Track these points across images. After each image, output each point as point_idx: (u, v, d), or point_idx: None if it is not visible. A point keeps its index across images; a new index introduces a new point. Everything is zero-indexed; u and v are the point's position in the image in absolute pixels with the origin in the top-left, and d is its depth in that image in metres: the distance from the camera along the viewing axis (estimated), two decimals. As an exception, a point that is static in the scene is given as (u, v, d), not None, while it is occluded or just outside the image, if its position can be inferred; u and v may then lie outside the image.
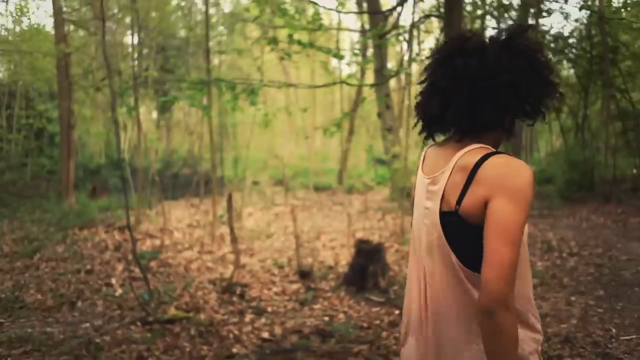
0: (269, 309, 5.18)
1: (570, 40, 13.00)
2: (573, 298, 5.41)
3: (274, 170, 18.29)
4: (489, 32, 14.64)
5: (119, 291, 5.70)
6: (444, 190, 1.35)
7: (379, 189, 15.84)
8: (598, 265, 6.67)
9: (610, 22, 11.39)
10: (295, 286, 5.96)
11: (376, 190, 15.25)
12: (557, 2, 9.39)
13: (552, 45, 12.75)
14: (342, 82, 4.56)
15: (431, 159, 1.48)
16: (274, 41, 4.17)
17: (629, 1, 13.83)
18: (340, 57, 4.45)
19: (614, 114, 12.87)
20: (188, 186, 13.91)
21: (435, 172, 1.41)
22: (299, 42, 4.30)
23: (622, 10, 13.19)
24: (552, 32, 13.11)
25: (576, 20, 13.22)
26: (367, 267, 5.57)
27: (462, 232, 1.32)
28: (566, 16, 12.95)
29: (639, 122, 12.86)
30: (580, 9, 9.56)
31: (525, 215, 1.24)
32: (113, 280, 6.15)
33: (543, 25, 13.31)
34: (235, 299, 5.46)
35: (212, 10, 15.09)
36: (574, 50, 13.31)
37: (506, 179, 1.25)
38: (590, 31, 12.62)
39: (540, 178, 15.04)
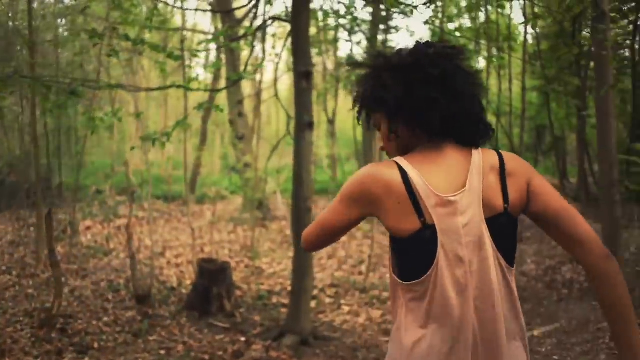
0: (96, 345, 4.44)
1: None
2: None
3: (121, 178, 16.88)
4: (343, 44, 14.81)
5: None
6: (482, 198, 1.31)
7: (233, 199, 15.31)
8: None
9: (447, 40, 12.06)
10: (130, 314, 5.25)
11: (229, 200, 14.69)
12: (406, 16, 9.65)
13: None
14: (178, 86, 4.04)
15: (439, 177, 1.33)
16: (96, 36, 3.51)
17: (463, 27, 14.91)
18: (175, 58, 3.93)
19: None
20: (16, 196, 12.22)
21: (458, 187, 1.32)
22: (127, 38, 3.69)
23: (456, 33, 14.16)
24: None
25: (421, 39, 13.87)
26: (211, 289, 5.06)
27: (508, 230, 1.34)
28: (412, 34, 13.54)
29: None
30: (425, 23, 9.91)
31: None
32: None
33: (391, 41, 13.81)
34: (54, 335, 4.62)
35: (51, 0, 13.53)
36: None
37: (527, 163, 1.40)
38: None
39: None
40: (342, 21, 13.75)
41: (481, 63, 18.24)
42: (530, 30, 14.16)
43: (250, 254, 7.85)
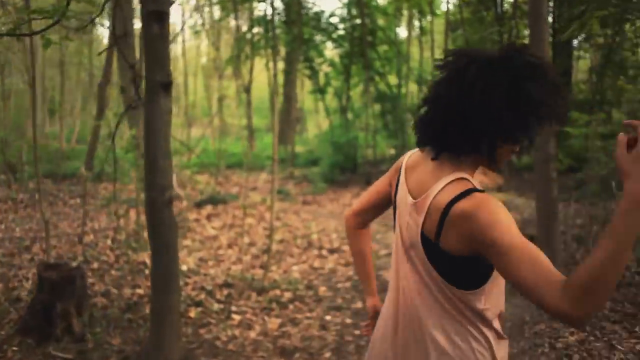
0: None
1: (333, 20, 12.49)
2: (329, 317, 4.37)
3: (12, 153, 14.75)
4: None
5: None
6: (424, 218, 1.34)
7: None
8: (357, 264, 5.87)
9: (368, 4, 11.02)
10: (-55, 341, 3.88)
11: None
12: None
13: (314, 23, 12.07)
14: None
15: (417, 175, 1.43)
16: None
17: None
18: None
19: (373, 96, 12.79)
20: None
21: (421, 193, 1.38)
22: None
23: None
24: (315, 10, 12.41)
25: (345, 5, 12.73)
26: (54, 306, 3.79)
27: (443, 256, 1.33)
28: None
29: (395, 105, 12.98)
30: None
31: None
32: None
33: (307, 1, 12.57)
34: None
35: None
36: (337, 31, 12.85)
37: (481, 227, 1.21)
38: (351, 12, 12.24)
39: (308, 160, 14.54)
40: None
41: (403, 32, 17.41)
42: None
43: (137, 243, 6.54)
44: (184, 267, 5.63)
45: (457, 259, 1.28)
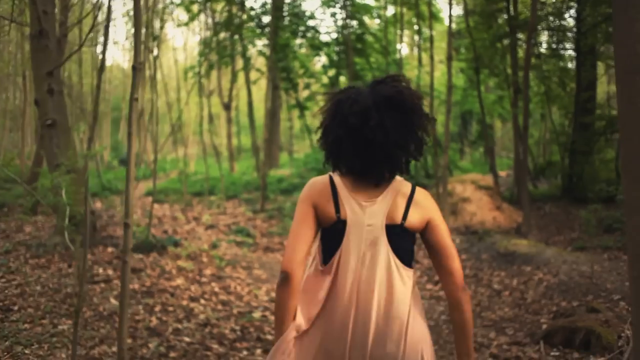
0: None
1: (314, 22, 10.23)
2: None
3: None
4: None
5: None
6: (388, 210, 1.67)
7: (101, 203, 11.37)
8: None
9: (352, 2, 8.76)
10: None
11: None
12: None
13: (302, 31, 9.84)
14: None
15: (360, 190, 1.69)
16: None
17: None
18: None
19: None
20: None
21: (373, 198, 1.68)
22: None
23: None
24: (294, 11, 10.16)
25: (323, 4, 10.49)
26: None
27: (403, 237, 1.69)
28: None
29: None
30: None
31: None
32: None
33: (295, 7, 10.32)
34: None
35: None
36: (319, 35, 10.61)
37: (433, 201, 1.75)
38: (334, 11, 10.00)
39: (286, 188, 12.17)
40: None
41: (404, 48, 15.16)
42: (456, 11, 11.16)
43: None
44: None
45: (412, 235, 1.75)
